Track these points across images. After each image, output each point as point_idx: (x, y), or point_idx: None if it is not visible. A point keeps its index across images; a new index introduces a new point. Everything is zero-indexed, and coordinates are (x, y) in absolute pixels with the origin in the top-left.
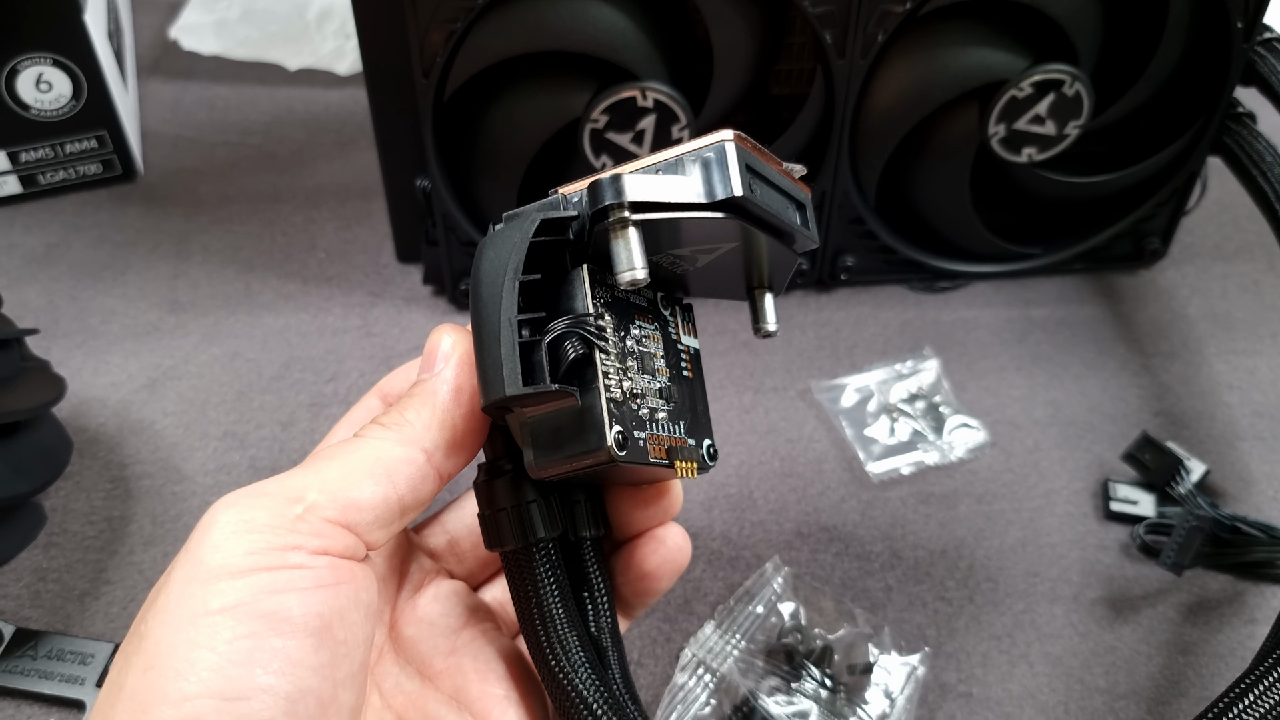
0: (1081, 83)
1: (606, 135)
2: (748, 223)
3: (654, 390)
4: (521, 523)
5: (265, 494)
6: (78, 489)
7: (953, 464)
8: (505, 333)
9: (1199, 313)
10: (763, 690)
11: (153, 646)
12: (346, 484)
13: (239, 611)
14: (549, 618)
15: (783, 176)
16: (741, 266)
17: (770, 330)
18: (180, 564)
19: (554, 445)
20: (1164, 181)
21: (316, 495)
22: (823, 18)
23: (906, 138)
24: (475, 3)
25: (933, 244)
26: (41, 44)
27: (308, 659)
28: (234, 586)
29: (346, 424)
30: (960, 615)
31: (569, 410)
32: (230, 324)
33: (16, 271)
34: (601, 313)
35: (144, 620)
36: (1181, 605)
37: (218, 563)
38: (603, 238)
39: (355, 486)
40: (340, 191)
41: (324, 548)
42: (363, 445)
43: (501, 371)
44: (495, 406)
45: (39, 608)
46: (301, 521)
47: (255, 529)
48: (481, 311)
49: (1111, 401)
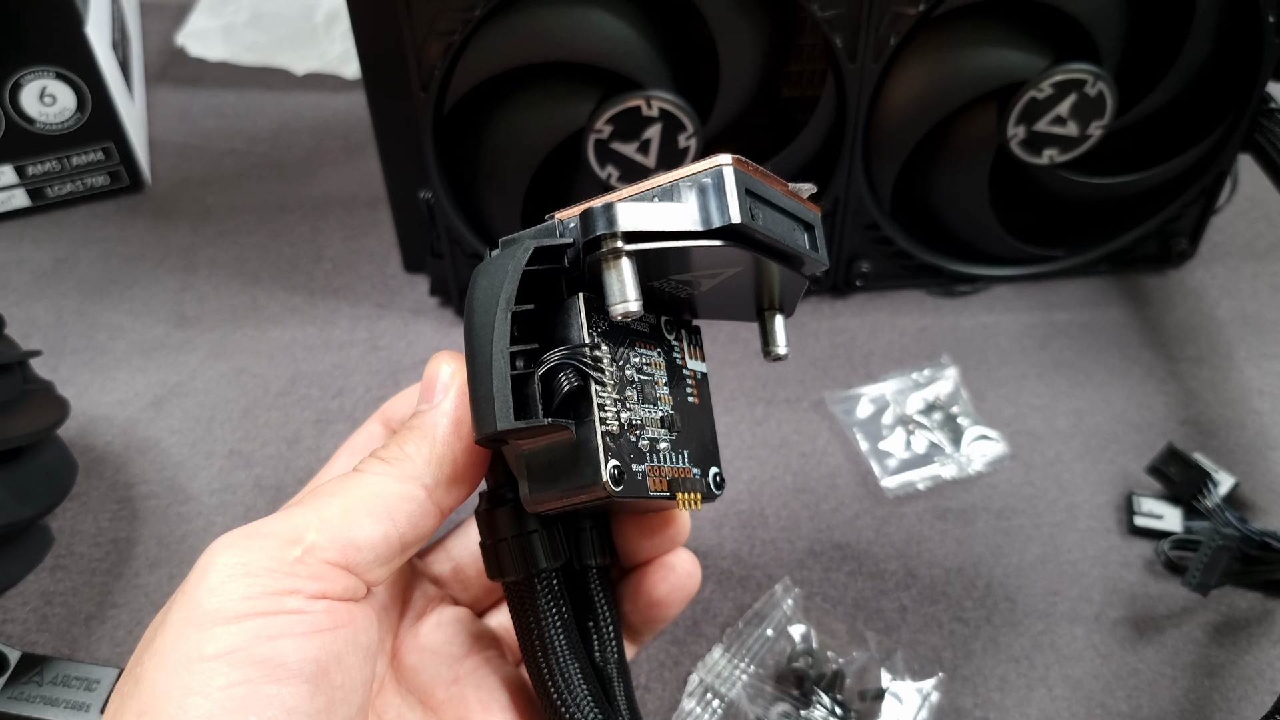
0: (1104, 82)
1: (611, 145)
2: (750, 249)
3: (655, 420)
4: (523, 553)
5: (263, 535)
6: (85, 510)
7: (970, 478)
8: (497, 364)
9: (1229, 315)
10: (772, 717)
11: (147, 690)
12: (346, 523)
13: (234, 658)
14: (551, 650)
15: (789, 198)
16: (749, 289)
17: (780, 354)
18: (177, 606)
19: (549, 479)
20: (1192, 180)
21: (315, 536)
22: (832, 21)
23: (922, 141)
24: (473, 14)
25: (950, 248)
26: (44, 57)
27: (303, 705)
28: (229, 632)
29: (349, 450)
30: (977, 637)
31: (564, 444)
32: (236, 338)
33: (25, 288)
34: (598, 342)
35: (140, 662)
36: (1208, 625)
37: (214, 607)
38: (595, 268)
39: (355, 526)
40: (347, 200)
41: (322, 591)
42: (362, 482)
43: (493, 405)
44: (488, 440)
45: (45, 631)
46: (300, 564)
47: (252, 572)
48: (474, 342)
49: (1136, 410)
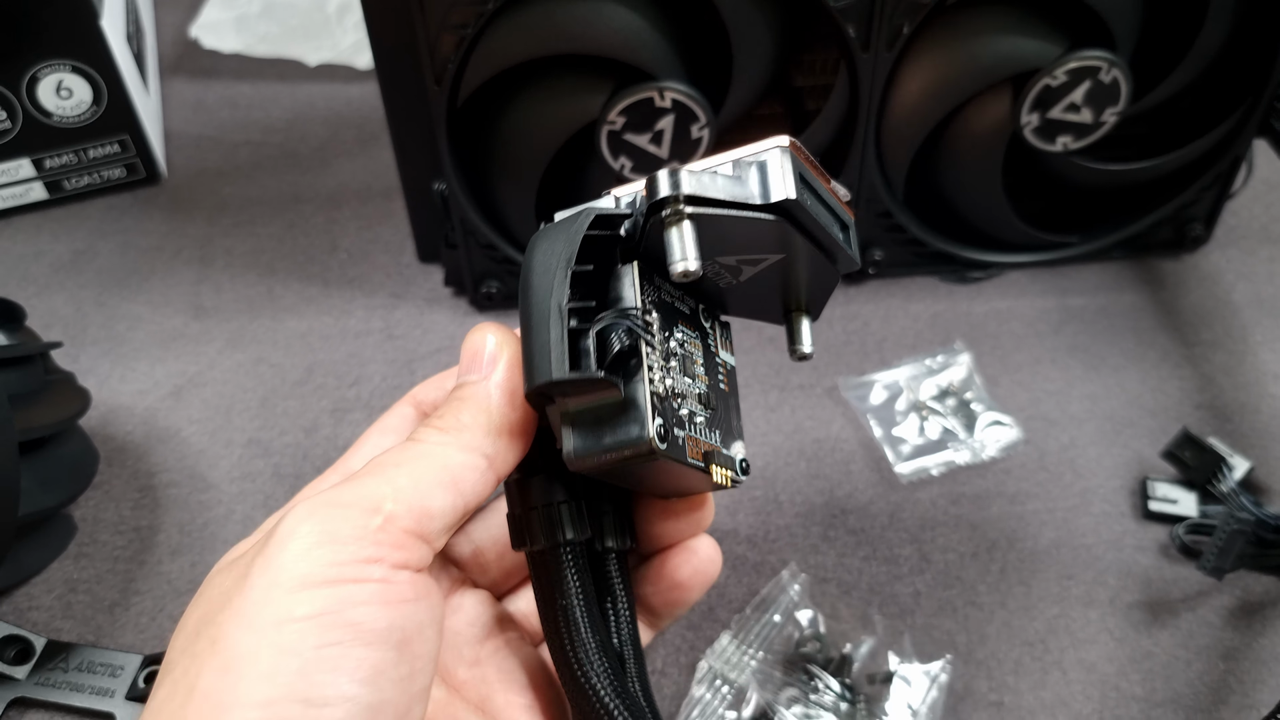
0: (1119, 68)
1: (624, 136)
2: (796, 229)
3: (694, 394)
4: (551, 522)
5: (344, 504)
6: (107, 498)
7: (984, 463)
8: (554, 318)
9: (1244, 298)
10: (781, 702)
11: (230, 649)
12: (419, 493)
13: (325, 620)
14: (572, 620)
15: (830, 194)
16: (780, 286)
17: (806, 353)
18: (258, 570)
19: (594, 437)
20: (1208, 166)
21: (392, 505)
22: (845, 11)
23: (935, 129)
24: (485, 7)
25: (964, 235)
26: (60, 51)
27: (389, 671)
28: (319, 595)
29: (379, 431)
30: (991, 621)
31: (611, 401)
32: (253, 329)
33: (45, 279)
34: (649, 308)
35: (213, 623)
36: (1223, 608)
37: (302, 571)
38: (658, 230)
39: (427, 495)
40: (362, 190)
41: (404, 561)
42: (426, 452)
43: (549, 356)
44: (539, 392)
45: (70, 619)
46: (381, 533)
47: (339, 540)
48: (531, 298)
49: (1151, 394)
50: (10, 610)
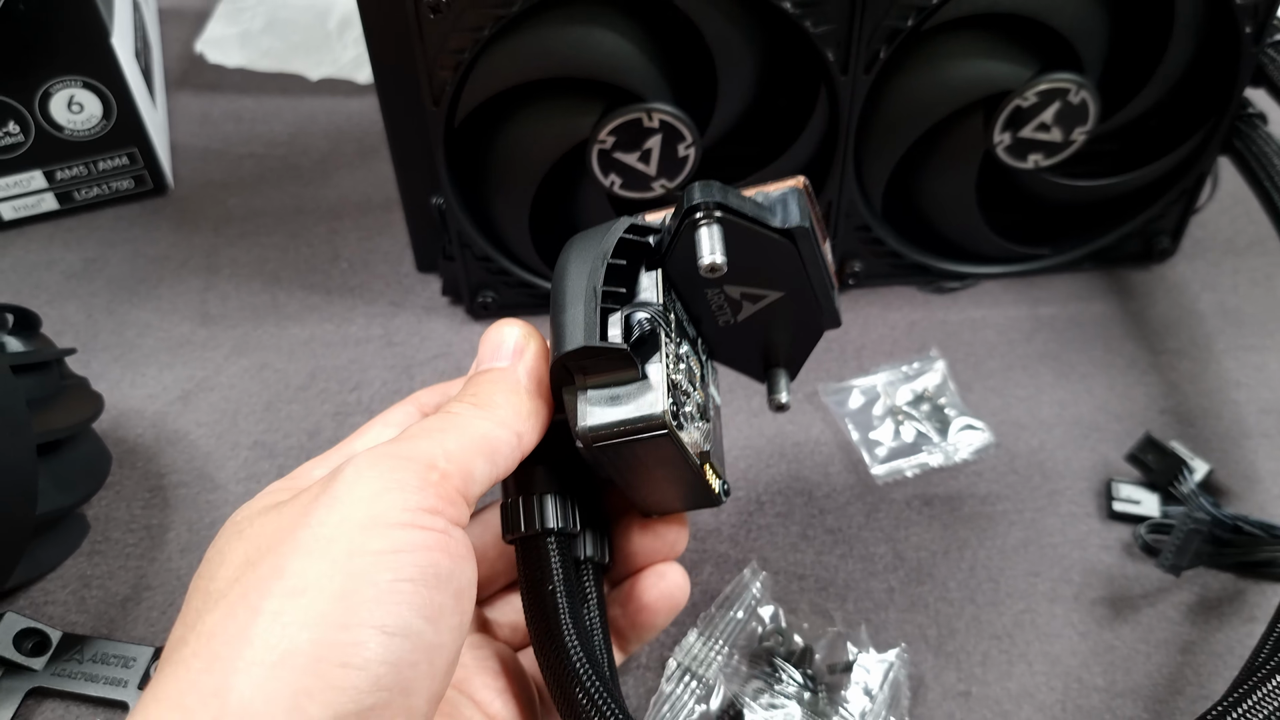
0: (1087, 90)
1: (614, 155)
2: (799, 259)
3: (695, 400)
4: (542, 512)
5: (404, 457)
6: (118, 498)
7: (957, 465)
8: (589, 296)
9: (1209, 308)
10: (747, 694)
11: (300, 575)
12: (465, 457)
13: (399, 558)
14: (557, 605)
15: (825, 251)
16: (768, 336)
17: (783, 402)
18: (326, 508)
19: (610, 413)
20: (1173, 182)
21: (445, 464)
22: (824, 37)
23: (912, 147)
24: (482, 33)
25: (940, 247)
26: (72, 68)
27: (448, 617)
28: (393, 534)
29: (382, 423)
30: (961, 615)
31: (628, 380)
32: (258, 335)
33: (57, 287)
34: (670, 308)
35: (274, 553)
36: (1182, 604)
37: (375, 512)
38: (690, 231)
39: (471, 461)
40: (362, 201)
41: (456, 517)
42: (466, 423)
43: (581, 326)
44: (566, 362)
45: (84, 613)
46: (440, 487)
47: (406, 488)
48: (566, 282)
49: (1118, 400)
50: (27, 605)
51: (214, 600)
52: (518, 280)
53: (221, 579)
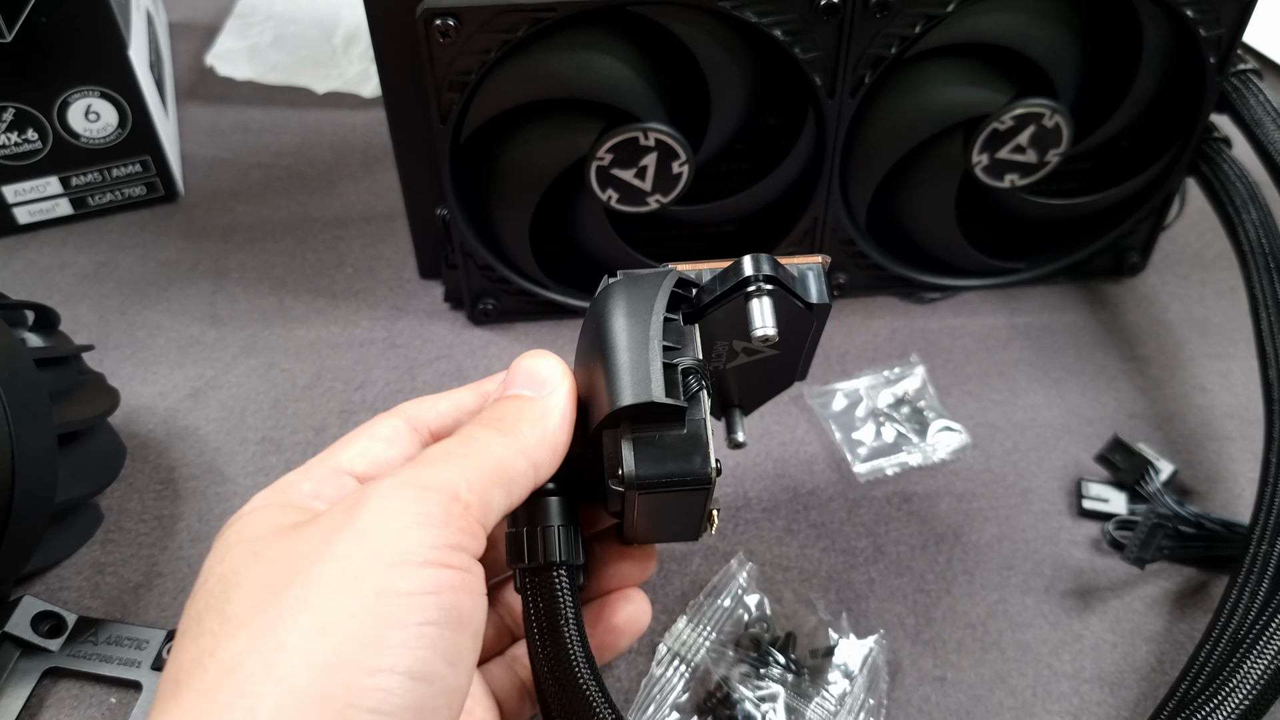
0: (1061, 114)
1: (612, 171)
2: (810, 330)
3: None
4: (551, 544)
5: (428, 487)
6: (131, 490)
7: (935, 465)
8: (655, 349)
9: (1177, 318)
10: (734, 677)
11: (326, 613)
12: (484, 487)
13: (425, 600)
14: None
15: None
16: (744, 383)
17: (740, 441)
18: (353, 540)
19: (658, 464)
20: (1143, 201)
21: (467, 495)
22: (812, 63)
23: (894, 167)
24: (488, 57)
25: (921, 261)
26: (90, 78)
27: (466, 659)
28: (419, 575)
29: (369, 436)
30: (938, 606)
31: (675, 434)
32: (266, 336)
33: (70, 289)
34: (709, 364)
35: (301, 585)
36: (1147, 597)
37: (403, 548)
38: (744, 300)
39: (489, 491)
40: (366, 210)
41: (475, 551)
42: (486, 449)
43: (649, 380)
44: (631, 411)
45: (98, 598)
46: (463, 520)
47: (432, 523)
48: (618, 328)
49: (1089, 405)
50: (44, 590)
51: (234, 626)
52: (517, 288)
53: (240, 603)
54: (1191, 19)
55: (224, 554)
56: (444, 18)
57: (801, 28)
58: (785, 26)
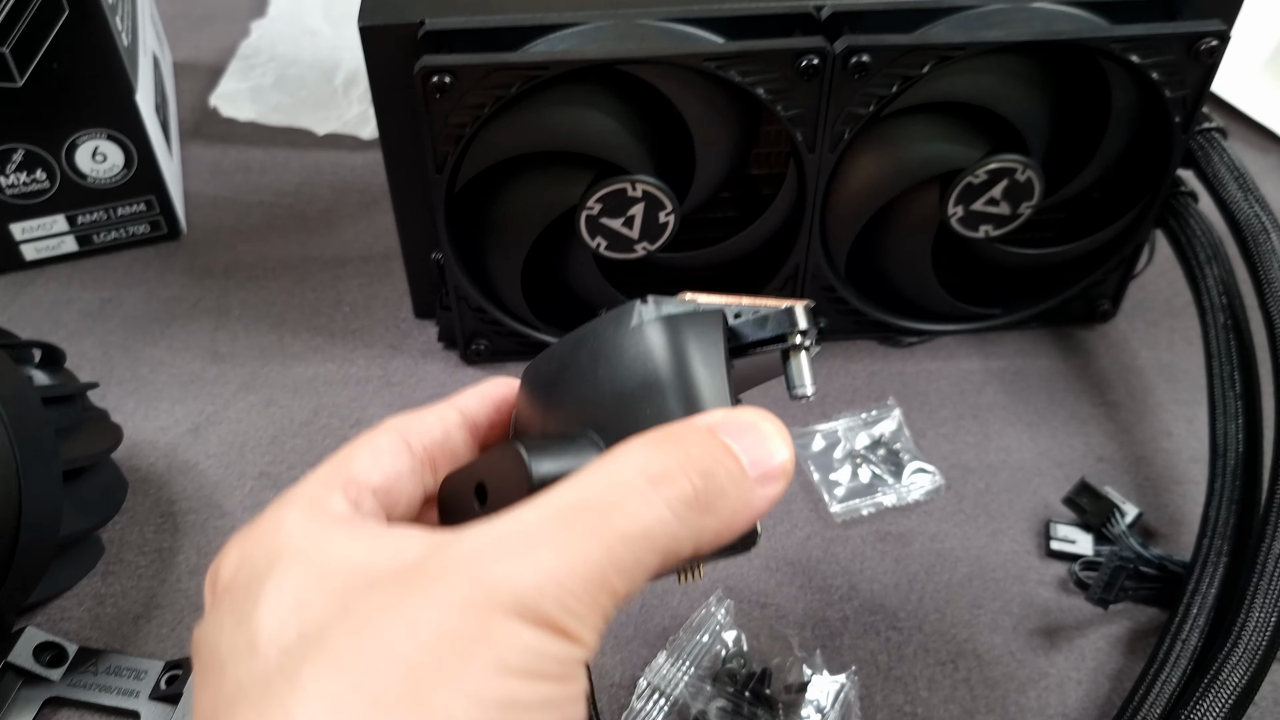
0: (1032, 169)
1: (600, 220)
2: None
3: None
4: None
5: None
6: (131, 523)
7: (909, 505)
8: (732, 399)
9: (1146, 364)
10: (711, 712)
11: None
12: (635, 576)
13: (549, 713)
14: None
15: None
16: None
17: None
18: (472, 642)
19: None
20: (1113, 251)
21: (616, 584)
22: (794, 119)
23: (873, 217)
24: (482, 111)
25: (899, 307)
26: (98, 121)
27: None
28: (543, 688)
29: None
30: (909, 643)
31: None
32: (265, 373)
33: (75, 324)
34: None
35: (415, 680)
36: (1111, 635)
37: (525, 665)
38: (785, 355)
39: (640, 578)
40: (364, 250)
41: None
42: (661, 523)
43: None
44: None
45: (98, 629)
46: (596, 630)
47: (560, 631)
48: (695, 381)
49: (1059, 448)
50: (45, 620)
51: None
52: (509, 330)
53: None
54: (1157, 81)
55: (300, 593)
56: (441, 74)
57: (783, 87)
58: (768, 86)
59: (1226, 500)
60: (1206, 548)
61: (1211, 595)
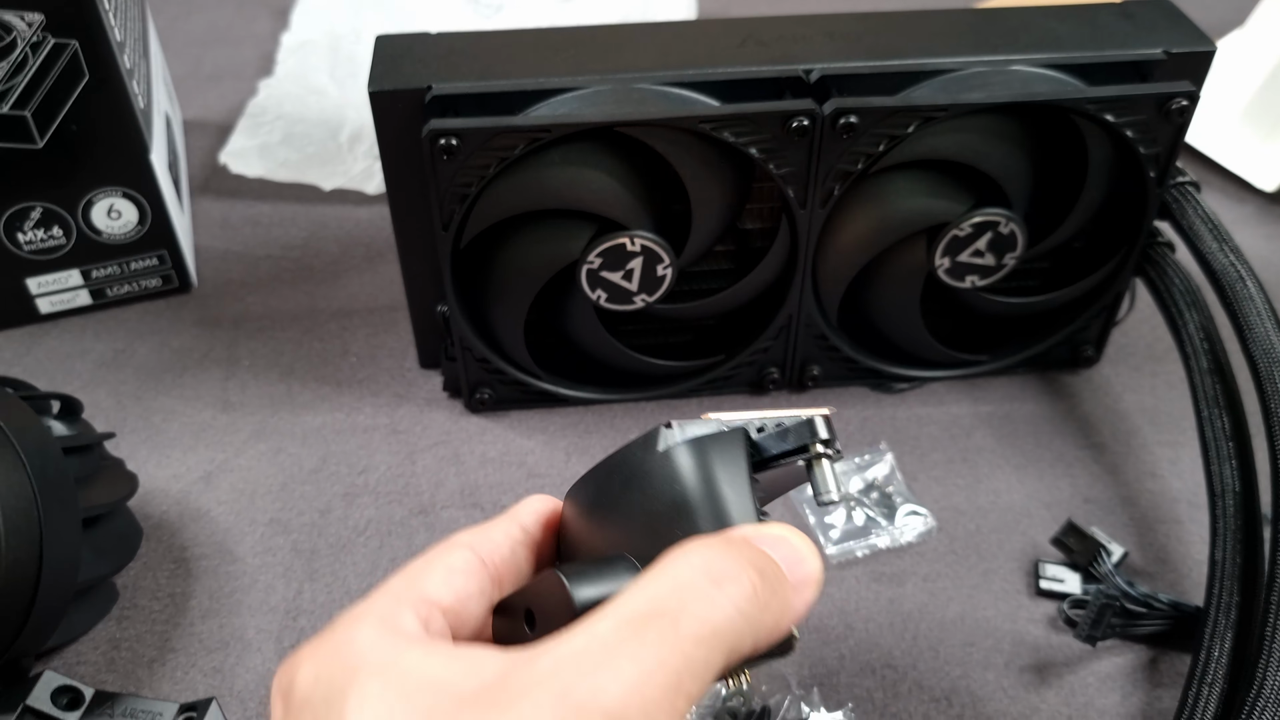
0: (1015, 223)
1: (600, 273)
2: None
3: None
4: None
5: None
6: (145, 569)
7: (902, 547)
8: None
9: (1131, 407)
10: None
11: None
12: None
13: None
14: None
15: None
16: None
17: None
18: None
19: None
20: (1094, 300)
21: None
22: (785, 177)
23: (863, 269)
24: (487, 172)
25: (890, 354)
26: (114, 180)
27: None
28: None
29: (445, 569)
30: (904, 680)
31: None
32: (274, 422)
33: (88, 375)
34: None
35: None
36: (1100, 673)
37: None
38: (804, 464)
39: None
40: (370, 302)
41: None
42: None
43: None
44: None
45: (114, 672)
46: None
47: None
48: (723, 501)
49: (1047, 489)
50: (61, 664)
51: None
52: (512, 379)
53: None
54: (1131, 139)
55: (389, 713)
56: (448, 137)
57: (775, 146)
58: (760, 145)
59: (1230, 541)
60: (1218, 590)
61: (1229, 637)
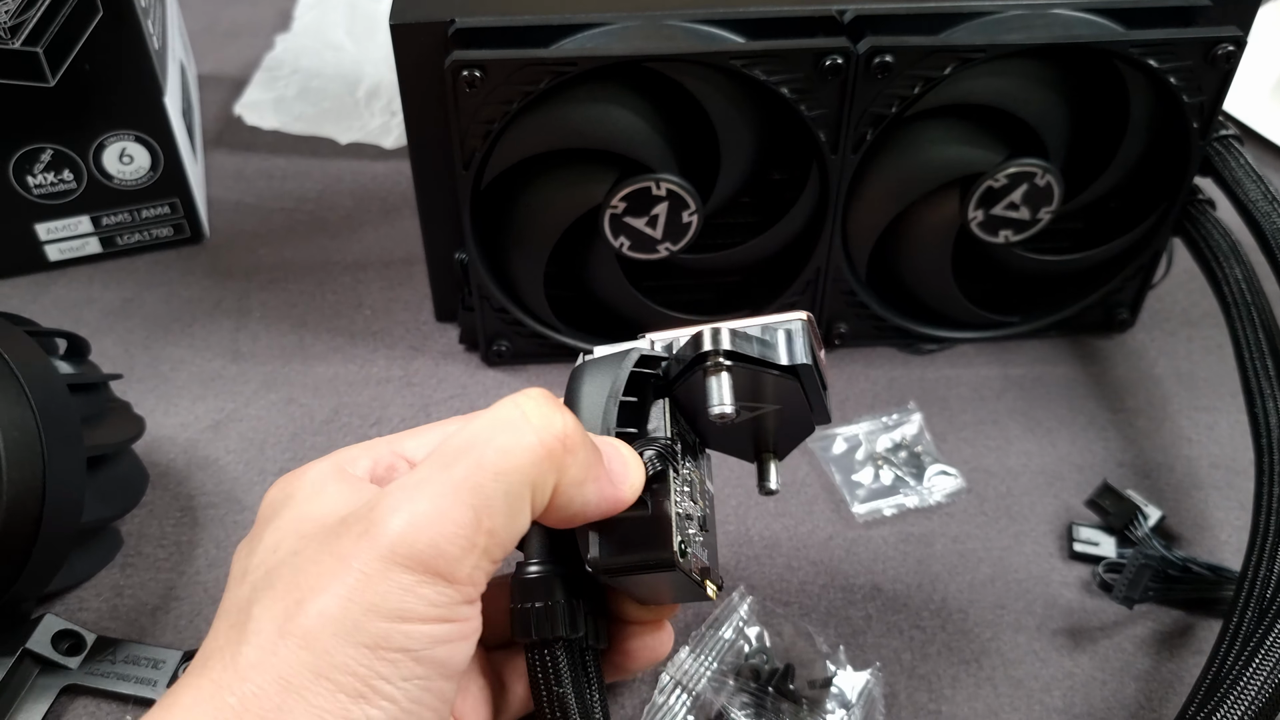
0: (1052, 174)
1: (624, 219)
2: (802, 389)
3: (697, 518)
4: (553, 619)
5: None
6: (151, 516)
7: (931, 507)
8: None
9: (1165, 372)
10: (734, 706)
11: (326, 658)
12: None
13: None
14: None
15: (822, 362)
16: (761, 431)
17: (773, 489)
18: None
19: (622, 548)
20: (1130, 259)
21: (488, 526)
22: (817, 120)
23: (893, 221)
24: (510, 107)
25: (919, 313)
26: (126, 123)
27: (449, 696)
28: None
29: (439, 433)
30: (933, 642)
31: (638, 517)
32: (286, 373)
33: (96, 323)
34: (676, 439)
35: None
36: (1135, 637)
37: (405, 607)
38: (700, 377)
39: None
40: (384, 255)
41: (481, 589)
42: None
43: None
44: None
45: (116, 619)
46: (475, 568)
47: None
48: (582, 418)
49: (1079, 453)
50: (63, 610)
51: (252, 633)
52: (530, 331)
53: (267, 610)
54: (1175, 86)
55: (281, 534)
56: (471, 69)
57: (807, 86)
58: (792, 85)
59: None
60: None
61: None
